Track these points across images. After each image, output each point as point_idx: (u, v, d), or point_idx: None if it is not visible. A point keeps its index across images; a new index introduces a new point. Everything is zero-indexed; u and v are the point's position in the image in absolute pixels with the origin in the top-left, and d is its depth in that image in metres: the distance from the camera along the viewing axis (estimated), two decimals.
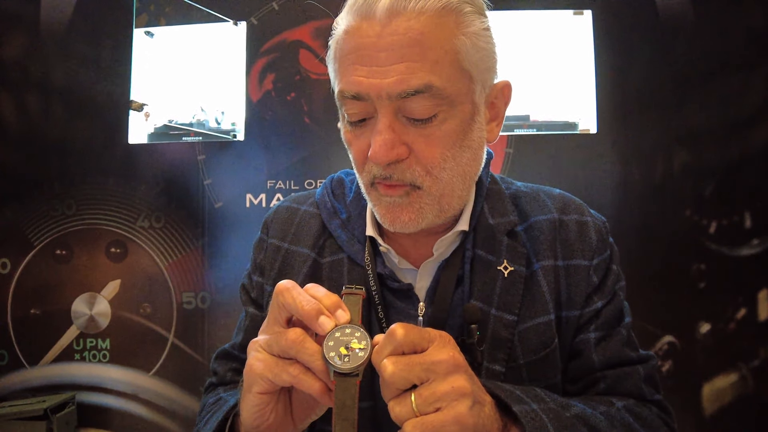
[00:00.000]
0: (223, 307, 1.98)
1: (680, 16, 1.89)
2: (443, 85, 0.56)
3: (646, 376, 0.69)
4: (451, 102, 0.58)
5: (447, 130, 0.59)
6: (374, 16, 0.56)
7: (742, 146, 1.86)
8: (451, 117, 0.58)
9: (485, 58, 0.61)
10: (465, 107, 0.60)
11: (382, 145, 0.57)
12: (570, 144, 1.91)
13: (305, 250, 0.73)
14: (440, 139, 0.59)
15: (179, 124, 2.02)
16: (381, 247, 0.69)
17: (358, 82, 0.57)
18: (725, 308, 1.85)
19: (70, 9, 2.02)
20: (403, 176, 0.59)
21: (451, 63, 0.57)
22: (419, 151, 0.59)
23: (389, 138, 0.57)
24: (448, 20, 0.57)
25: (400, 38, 0.55)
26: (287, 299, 0.50)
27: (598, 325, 0.69)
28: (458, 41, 0.57)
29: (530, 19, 1.93)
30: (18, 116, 2.04)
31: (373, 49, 0.56)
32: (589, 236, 0.70)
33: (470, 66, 0.59)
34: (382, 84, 0.56)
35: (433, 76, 0.56)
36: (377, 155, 0.57)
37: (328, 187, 0.77)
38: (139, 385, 1.98)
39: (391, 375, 0.47)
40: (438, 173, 0.60)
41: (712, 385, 1.84)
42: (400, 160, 0.59)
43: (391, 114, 0.57)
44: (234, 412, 0.59)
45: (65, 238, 2.02)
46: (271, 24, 1.99)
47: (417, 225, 0.62)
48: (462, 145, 0.60)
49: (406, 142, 0.58)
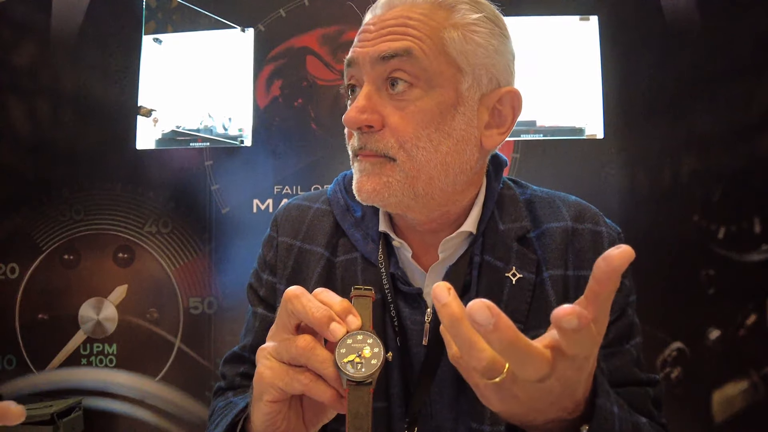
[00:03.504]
0: (230, 312, 1.98)
1: (687, 21, 1.89)
2: (421, 56, 0.60)
3: (655, 398, 0.67)
4: (428, 79, 0.61)
5: (422, 107, 0.61)
6: (376, 10, 0.65)
7: (750, 151, 1.85)
8: (427, 96, 0.61)
9: (479, 53, 0.62)
10: (446, 92, 0.61)
11: (353, 109, 0.61)
12: (577, 149, 1.91)
13: (318, 248, 0.72)
14: (414, 115, 0.61)
15: (187, 130, 2.03)
16: (394, 242, 0.68)
17: (352, 51, 0.64)
18: (735, 314, 1.83)
19: (80, 17, 2.04)
20: (376, 146, 0.62)
21: (435, 44, 0.61)
22: (392, 124, 0.61)
23: (362, 104, 0.61)
24: (438, 13, 0.62)
25: (392, 21, 0.62)
26: (297, 306, 0.49)
27: (608, 341, 0.67)
28: (446, 31, 0.62)
29: (537, 24, 1.93)
30: (28, 122, 2.06)
31: (369, 31, 0.63)
32: (603, 247, 0.69)
33: (458, 55, 0.61)
34: (368, 51, 0.62)
35: (414, 45, 0.60)
36: (348, 116, 0.61)
37: (341, 184, 0.76)
38: (145, 391, 1.98)
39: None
40: (410, 149, 0.61)
41: (723, 393, 1.82)
42: (375, 131, 0.62)
43: (371, 84, 0.62)
44: (244, 415, 0.59)
45: (73, 243, 2.03)
46: (278, 30, 2.00)
47: (383, 197, 0.62)
48: (439, 129, 0.61)
49: (381, 113, 0.62)
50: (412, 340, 0.67)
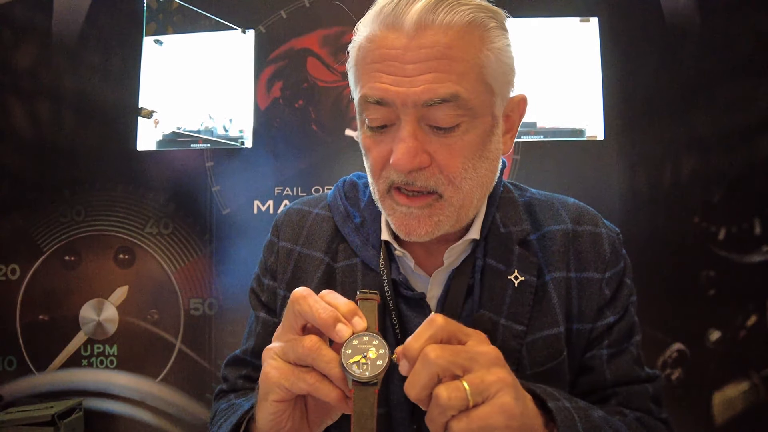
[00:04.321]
0: (231, 313, 1.98)
1: (687, 22, 1.89)
2: (468, 96, 0.57)
3: (654, 394, 0.69)
4: (473, 113, 0.59)
5: (468, 141, 0.59)
6: (402, 28, 0.57)
7: (750, 152, 1.85)
8: (473, 128, 0.59)
9: (506, 72, 0.62)
10: (486, 119, 0.61)
11: (405, 153, 0.57)
12: (577, 151, 1.91)
13: (318, 254, 0.72)
14: (462, 150, 0.59)
15: (188, 132, 2.03)
16: (396, 252, 0.68)
17: (384, 89, 0.57)
18: (735, 316, 1.83)
19: (81, 19, 2.05)
20: (426, 183, 0.60)
21: (476, 76, 0.58)
22: (441, 160, 0.59)
23: (413, 145, 0.57)
24: (474, 35, 0.58)
25: (428, 51, 0.56)
26: (303, 307, 0.50)
27: (612, 341, 0.69)
28: (483, 56, 0.59)
29: (537, 26, 1.93)
30: (29, 123, 2.06)
31: (400, 60, 0.57)
32: (603, 248, 0.69)
33: (492, 80, 0.60)
34: (408, 92, 0.56)
35: (460, 87, 0.57)
36: (400, 162, 0.57)
37: (341, 190, 0.77)
38: (146, 392, 1.98)
39: (436, 358, 0.46)
40: (460, 183, 0.60)
41: (723, 394, 1.82)
42: (422, 168, 0.59)
43: (414, 122, 0.58)
44: (249, 416, 0.59)
45: (74, 244, 2.03)
46: (279, 32, 2.01)
47: (432, 236, 0.62)
48: (482, 156, 0.61)
49: (428, 150, 0.59)
50: None
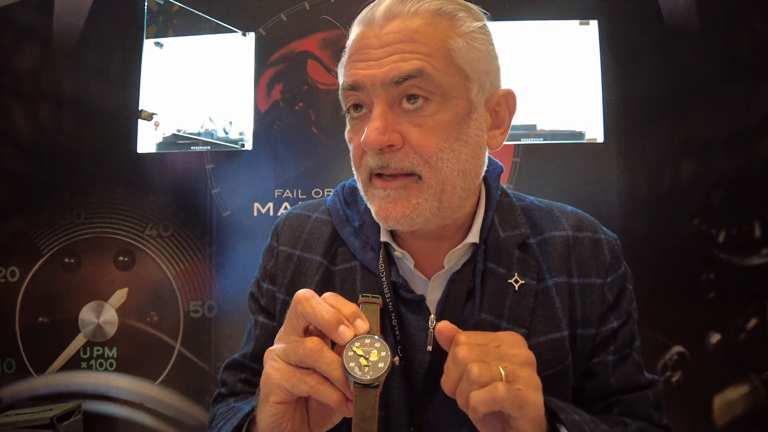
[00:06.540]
0: (230, 316, 1.98)
1: (686, 25, 1.90)
2: (434, 73, 0.59)
3: (655, 400, 0.70)
4: (443, 93, 0.60)
5: (440, 121, 0.60)
6: (374, 22, 0.62)
7: (750, 155, 1.85)
8: (444, 109, 0.60)
9: (482, 59, 0.63)
10: (459, 102, 0.61)
11: (373, 130, 0.59)
12: (577, 153, 1.91)
13: (317, 257, 0.72)
14: (433, 129, 0.60)
15: (188, 134, 2.03)
16: (396, 252, 0.68)
17: (356, 74, 0.61)
18: (735, 318, 1.83)
19: (81, 21, 2.05)
20: (401, 164, 0.60)
21: (444, 56, 0.60)
22: (413, 140, 0.60)
23: (381, 124, 0.59)
24: (441, 22, 0.61)
25: (395, 35, 0.60)
26: (306, 309, 0.50)
27: (616, 347, 0.70)
28: (452, 40, 0.61)
29: (537, 29, 1.94)
30: (29, 126, 2.06)
31: (371, 47, 0.61)
32: (603, 254, 0.70)
33: (465, 63, 0.61)
34: (377, 74, 0.59)
35: (425, 64, 0.59)
36: (369, 139, 0.59)
37: (340, 194, 0.77)
38: (145, 394, 1.98)
39: (468, 351, 0.50)
40: (436, 163, 0.60)
41: (723, 397, 1.82)
42: (396, 149, 0.60)
43: (384, 104, 0.60)
44: (249, 419, 0.59)
45: (73, 246, 2.03)
46: (279, 35, 2.01)
47: (411, 221, 0.62)
48: (459, 139, 0.61)
49: (399, 131, 0.60)
50: (416, 345, 0.67)
